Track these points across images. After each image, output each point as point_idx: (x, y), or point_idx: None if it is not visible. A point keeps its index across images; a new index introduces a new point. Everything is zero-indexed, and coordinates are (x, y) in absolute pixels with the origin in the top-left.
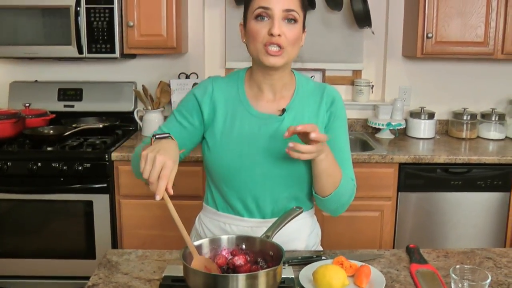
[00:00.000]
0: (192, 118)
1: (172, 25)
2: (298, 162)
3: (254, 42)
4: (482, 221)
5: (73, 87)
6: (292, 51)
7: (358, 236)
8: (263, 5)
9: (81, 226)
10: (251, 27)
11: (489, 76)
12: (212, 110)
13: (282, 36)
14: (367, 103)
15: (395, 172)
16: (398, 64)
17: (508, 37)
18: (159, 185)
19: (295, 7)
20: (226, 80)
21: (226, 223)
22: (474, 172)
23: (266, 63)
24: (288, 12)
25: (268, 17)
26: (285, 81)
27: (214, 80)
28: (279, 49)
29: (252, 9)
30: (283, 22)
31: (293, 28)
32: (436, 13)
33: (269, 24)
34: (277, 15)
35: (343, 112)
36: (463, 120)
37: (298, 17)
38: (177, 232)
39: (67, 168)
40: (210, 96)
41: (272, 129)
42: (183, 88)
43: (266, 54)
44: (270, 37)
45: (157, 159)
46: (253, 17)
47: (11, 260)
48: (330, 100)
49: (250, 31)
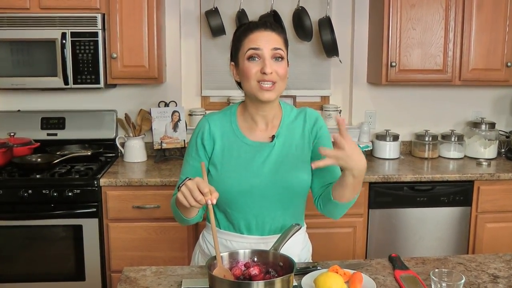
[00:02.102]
0: (201, 156)
1: (154, 57)
2: (292, 182)
3: (249, 80)
4: (446, 234)
5: (56, 116)
6: (282, 85)
7: (333, 251)
8: (253, 46)
9: (71, 250)
10: (244, 67)
11: (448, 100)
12: (212, 143)
13: (274, 73)
14: (335, 126)
15: (366, 190)
16: (364, 90)
17: (465, 64)
18: (205, 195)
19: (280, 45)
20: (220, 116)
21: (227, 240)
22: (437, 189)
23: (261, 98)
24: (276, 51)
25: (259, 57)
26: (275, 111)
27: (209, 118)
28: (272, 84)
29: (243, 51)
30: (272, 60)
31: (281, 64)
32: (398, 43)
33: (260, 64)
34: (267, 54)
35: (326, 129)
36: (425, 141)
37: (284, 55)
38: (163, 253)
39: (57, 194)
40: (208, 132)
41: (265, 154)
42: (163, 116)
43: (261, 90)
44: (263, 75)
45: (187, 184)
46: (246, 58)
47: (3, 285)
48: (313, 121)
49: (244, 71)
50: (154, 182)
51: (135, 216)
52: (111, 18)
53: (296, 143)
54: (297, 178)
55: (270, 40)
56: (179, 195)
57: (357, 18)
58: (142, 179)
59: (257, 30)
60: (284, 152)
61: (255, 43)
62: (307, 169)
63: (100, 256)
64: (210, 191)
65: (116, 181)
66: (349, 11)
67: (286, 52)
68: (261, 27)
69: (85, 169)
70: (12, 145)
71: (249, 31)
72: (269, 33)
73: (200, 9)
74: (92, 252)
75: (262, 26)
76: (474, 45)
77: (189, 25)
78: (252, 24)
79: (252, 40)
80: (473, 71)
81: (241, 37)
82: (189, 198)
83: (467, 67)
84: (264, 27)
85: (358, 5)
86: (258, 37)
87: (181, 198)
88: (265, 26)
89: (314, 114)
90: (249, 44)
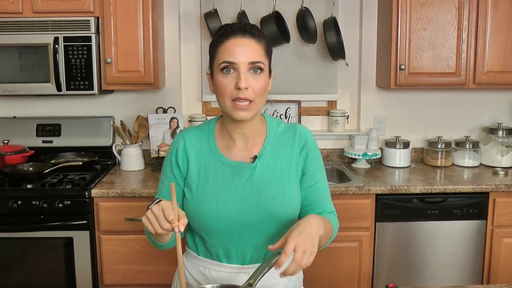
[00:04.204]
0: (176, 177)
1: (150, 61)
2: (276, 209)
3: (222, 97)
4: (460, 249)
5: (51, 123)
6: (260, 102)
7: (337, 267)
8: (228, 59)
9: (62, 263)
10: (218, 81)
11: (462, 104)
12: (186, 163)
13: (249, 89)
14: (343, 133)
15: (372, 203)
16: (373, 94)
17: (479, 67)
18: (171, 222)
19: (259, 57)
20: (196, 132)
21: (206, 268)
22: (450, 201)
23: (235, 117)
24: (253, 64)
25: (234, 69)
26: (256, 128)
27: (185, 134)
28: (248, 102)
29: (217, 61)
30: (249, 73)
31: (259, 78)
32: (408, 45)
33: (235, 78)
34: (243, 67)
35: (317, 152)
36: (438, 148)
37: (263, 67)
38: (157, 267)
39: (47, 205)
40: (183, 149)
41: (245, 177)
42: (160, 123)
43: (235, 109)
44: (238, 91)
45: (153, 209)
46: (219, 70)
47: None
48: (303, 142)
49: (218, 85)
50: (148, 193)
51: (128, 229)
52: (105, 21)
53: (282, 165)
54: (283, 205)
55: (248, 51)
56: (144, 220)
57: (365, 18)
58: (135, 190)
59: (233, 36)
60: (268, 174)
61: (230, 55)
62: (294, 194)
63: (92, 270)
64: (179, 216)
65: (108, 192)
66: (357, 11)
67: (269, 61)
68: (238, 33)
69: (78, 179)
70: (4, 153)
71: (224, 37)
72: (247, 41)
73: (200, 11)
74: (84, 265)
75: (239, 32)
76: (489, 45)
77: (189, 28)
78: (229, 29)
79: (227, 49)
80: (488, 74)
81: (217, 44)
82: (154, 224)
83: (482, 69)
84: (241, 33)
85: (366, 4)
86: (234, 47)
87: (146, 224)
88: (243, 31)
89: (304, 134)
90: (223, 55)
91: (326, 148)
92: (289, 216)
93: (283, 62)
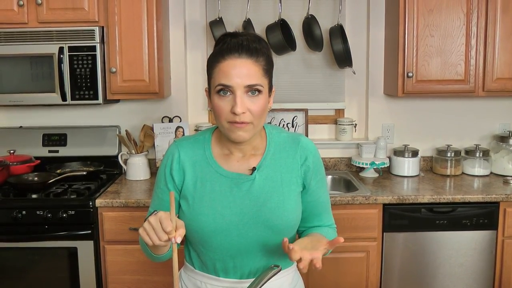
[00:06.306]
0: (170, 189)
1: (154, 71)
2: (276, 222)
3: (219, 118)
4: (469, 260)
5: (57, 132)
6: (259, 123)
7: (344, 278)
8: (223, 82)
9: (66, 273)
10: (214, 102)
11: (471, 112)
12: (182, 174)
13: (247, 112)
14: (350, 141)
15: (379, 213)
16: (380, 102)
17: (489, 74)
18: (168, 234)
19: (256, 80)
20: (191, 142)
21: (202, 282)
22: (459, 211)
23: (233, 139)
24: (250, 87)
25: (230, 92)
26: (256, 142)
27: (179, 144)
28: (246, 124)
29: (213, 84)
30: (246, 95)
31: (257, 100)
32: (416, 52)
33: (231, 101)
34: (239, 91)
35: (320, 165)
36: (447, 157)
37: (262, 88)
38: (162, 277)
39: (51, 215)
40: (178, 161)
41: (244, 189)
42: (166, 132)
43: (233, 130)
44: (234, 115)
45: (150, 221)
46: (215, 91)
47: None
48: (305, 155)
49: (214, 107)
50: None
51: (132, 238)
52: (109, 31)
53: (282, 176)
54: (283, 218)
55: (244, 73)
56: (141, 232)
57: (372, 25)
58: (139, 200)
59: (229, 56)
60: (267, 187)
61: (225, 78)
62: (294, 206)
63: (96, 280)
64: (176, 227)
65: (113, 202)
66: (364, 18)
67: (268, 80)
68: (234, 52)
69: (83, 189)
70: (9, 163)
71: (220, 57)
72: (243, 61)
73: (206, 19)
74: (88, 275)
75: (235, 51)
76: (498, 52)
77: (194, 36)
78: (225, 46)
79: (222, 71)
80: (498, 81)
81: (213, 63)
82: (152, 236)
83: (492, 76)
84: (238, 52)
85: (373, 12)
86: (230, 69)
87: (143, 235)
88: (239, 50)
89: (308, 147)
90: (219, 77)
91: (334, 157)
92: (289, 229)
93: (289, 70)
